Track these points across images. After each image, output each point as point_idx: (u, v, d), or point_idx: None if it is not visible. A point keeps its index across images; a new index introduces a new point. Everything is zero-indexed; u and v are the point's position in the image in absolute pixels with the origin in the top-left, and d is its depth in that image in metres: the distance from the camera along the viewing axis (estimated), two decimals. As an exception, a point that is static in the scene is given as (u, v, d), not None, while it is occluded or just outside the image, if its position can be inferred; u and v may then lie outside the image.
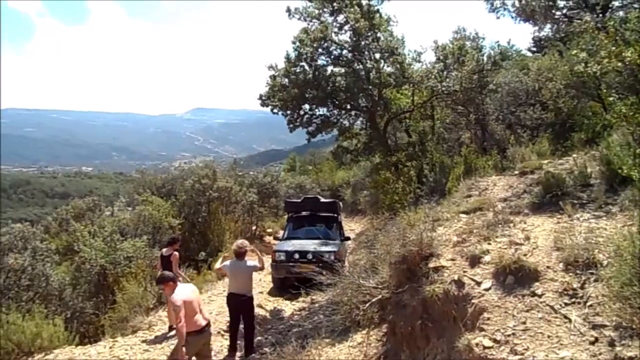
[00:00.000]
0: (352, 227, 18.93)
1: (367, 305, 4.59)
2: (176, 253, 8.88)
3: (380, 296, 4.55)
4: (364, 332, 5.89)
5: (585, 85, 11.88)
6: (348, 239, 13.31)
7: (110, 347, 7.99)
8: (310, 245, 11.62)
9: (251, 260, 7.46)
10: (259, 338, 8.38)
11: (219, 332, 8.56)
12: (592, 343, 2.84)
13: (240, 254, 7.29)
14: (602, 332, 2.88)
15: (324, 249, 11.28)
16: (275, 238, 13.81)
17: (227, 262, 7.42)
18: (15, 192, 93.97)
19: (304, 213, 13.33)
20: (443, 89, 13.11)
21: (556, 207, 5.35)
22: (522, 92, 14.02)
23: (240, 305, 7.36)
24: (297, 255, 11.23)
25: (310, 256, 11.02)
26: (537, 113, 13.11)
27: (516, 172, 8.20)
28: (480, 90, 13.32)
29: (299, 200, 13.71)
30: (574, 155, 8.21)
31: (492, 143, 13.57)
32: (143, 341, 8.12)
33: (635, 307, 2.70)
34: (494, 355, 3.06)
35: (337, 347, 6.55)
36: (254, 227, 19.90)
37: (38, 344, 7.70)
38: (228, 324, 7.89)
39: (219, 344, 8.10)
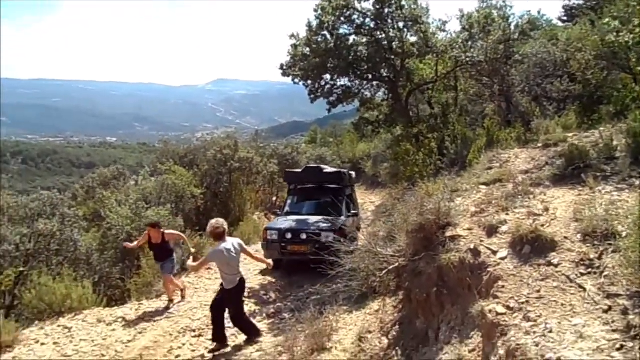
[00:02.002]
0: (372, 199, 18.97)
1: (384, 272, 4.67)
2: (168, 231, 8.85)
3: (397, 264, 4.62)
4: (381, 299, 6.00)
5: (616, 56, 11.51)
6: (356, 214, 11.79)
7: (136, 310, 8.32)
8: (306, 223, 10.37)
9: (230, 238, 6.78)
10: (279, 304, 8.62)
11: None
12: (606, 311, 2.86)
13: (222, 233, 6.51)
14: (616, 301, 2.89)
15: (321, 227, 10.01)
16: (273, 213, 12.35)
17: (216, 249, 6.46)
18: (43, 162, 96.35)
19: (306, 185, 12.03)
20: (467, 59, 12.83)
21: (578, 180, 5.29)
22: (549, 63, 13.64)
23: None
24: (289, 235, 10.01)
25: (303, 236, 9.89)
26: (565, 85, 12.79)
27: (539, 144, 8.09)
28: (506, 61, 13.02)
29: (300, 171, 12.44)
30: (601, 129, 8.06)
31: (516, 115, 13.32)
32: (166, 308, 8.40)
33: None
34: (507, 322, 3.10)
35: (355, 314, 6.71)
36: (274, 198, 20.11)
37: (68, 304, 8.05)
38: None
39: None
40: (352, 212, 11.39)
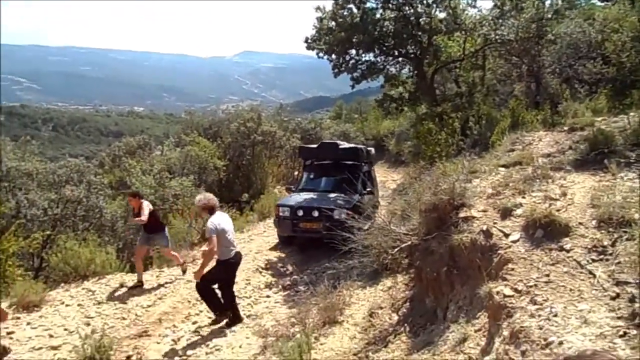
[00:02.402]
0: (394, 177, 18.88)
1: (396, 250, 4.71)
2: (144, 203, 8.10)
3: (409, 242, 4.65)
4: (393, 277, 6.07)
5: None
6: (372, 192, 11.23)
7: (157, 276, 8.58)
8: (319, 200, 10.15)
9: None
10: (295, 277, 8.78)
11: (257, 269, 9.01)
12: (613, 298, 2.85)
13: (215, 206, 6.40)
14: (624, 289, 2.87)
15: (334, 205, 9.75)
16: (287, 189, 12.01)
17: (214, 222, 6.17)
18: (72, 129, 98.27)
19: (322, 161, 11.65)
20: (497, 37, 12.53)
21: (600, 165, 5.18)
22: (584, 43, 13.21)
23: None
24: (300, 212, 9.83)
25: (315, 213, 9.69)
26: (598, 67, 12.39)
27: (565, 128, 7.91)
28: (537, 41, 12.65)
29: (315, 146, 12.01)
30: (632, 114, 7.83)
31: (545, 97, 13.01)
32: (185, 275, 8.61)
33: None
34: (513, 304, 3.12)
35: (367, 290, 6.80)
36: (296, 172, 20.23)
37: (92, 269, 8.33)
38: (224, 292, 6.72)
39: (257, 280, 8.54)
40: (368, 189, 10.91)
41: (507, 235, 3.86)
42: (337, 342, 5.21)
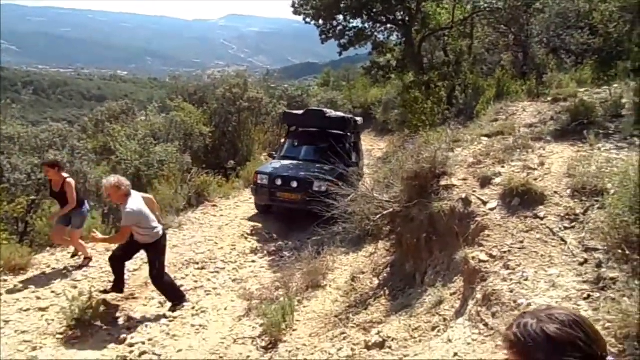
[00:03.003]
0: (380, 146, 18.96)
1: (379, 217, 4.82)
2: (71, 182, 6.94)
3: (391, 209, 4.75)
4: (375, 243, 6.21)
5: (643, 9, 11.09)
6: (356, 164, 10.49)
7: (142, 241, 8.63)
8: (299, 169, 9.78)
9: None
10: (280, 243, 8.91)
11: (243, 235, 9.12)
12: (581, 264, 2.99)
13: (128, 194, 5.69)
14: (592, 255, 3.01)
15: (315, 175, 9.24)
16: (270, 155, 11.65)
17: (134, 208, 5.60)
18: (54, 93, 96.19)
19: (306, 128, 11.31)
20: (486, 5, 12.44)
21: (580, 136, 5.30)
22: (572, 13, 13.17)
23: None
24: (279, 181, 9.45)
25: (294, 184, 9.34)
26: (585, 37, 12.40)
27: (549, 98, 8.01)
28: (526, 9, 12.60)
29: (300, 113, 11.54)
30: (615, 85, 7.93)
31: (532, 67, 13.05)
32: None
33: (624, 234, 2.80)
34: (488, 269, 3.25)
35: (350, 256, 6.95)
36: (282, 140, 20.16)
37: (77, 233, 8.34)
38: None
39: (243, 246, 8.65)
40: (354, 161, 10.19)
41: (485, 203, 3.98)
42: (319, 305, 5.37)
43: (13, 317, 5.63)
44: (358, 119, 12.47)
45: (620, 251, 2.76)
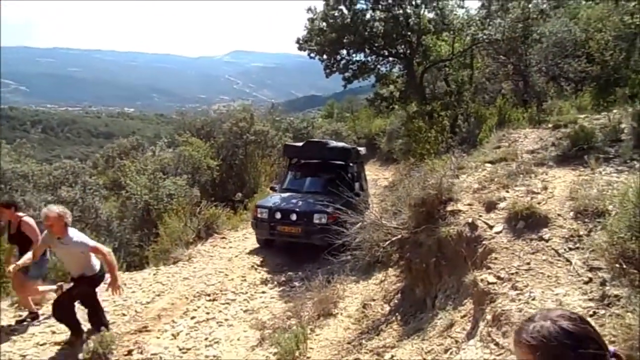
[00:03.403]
0: (385, 175, 19.12)
1: (388, 243, 4.94)
2: (29, 220, 6.39)
3: (400, 236, 4.88)
4: (385, 271, 6.31)
5: (637, 38, 11.40)
6: (358, 195, 9.22)
7: (154, 274, 8.73)
8: (299, 202, 9.62)
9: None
10: (290, 273, 8.97)
11: (252, 266, 9.20)
12: (586, 283, 3.10)
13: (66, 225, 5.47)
14: (597, 274, 3.12)
15: (315, 208, 9.21)
16: (272, 189, 11.39)
17: (81, 235, 5.69)
18: (62, 131, 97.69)
19: (308, 160, 11.11)
20: (484, 37, 12.82)
21: (581, 161, 5.46)
22: (569, 42, 13.52)
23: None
24: (278, 215, 9.29)
25: (294, 217, 9.18)
26: (582, 65, 12.70)
27: (550, 125, 8.19)
28: (524, 40, 12.96)
29: (300, 144, 11.31)
30: (615, 111, 8.12)
31: (532, 95, 13.31)
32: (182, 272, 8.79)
33: (621, 249, 2.92)
34: (496, 290, 3.35)
35: (361, 284, 7.03)
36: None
37: (90, 267, 8.46)
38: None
39: (253, 277, 8.72)
40: (356, 192, 9.46)
41: (491, 227, 4.11)
42: (331, 333, 5.44)
43: (30, 351, 5.72)
44: (360, 148, 12.29)
45: (617, 266, 2.87)
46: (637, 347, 2.30)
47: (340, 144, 11.58)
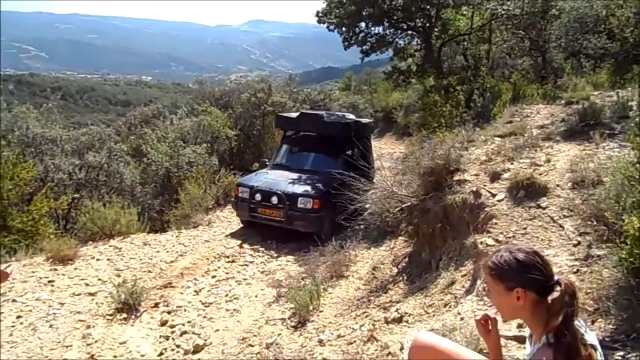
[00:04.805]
0: (401, 149, 19.32)
1: (397, 210, 5.29)
2: None
3: (409, 203, 5.21)
4: (394, 238, 6.68)
5: (658, 14, 11.31)
6: (362, 174, 7.32)
7: (176, 237, 9.22)
8: (285, 182, 8.70)
9: None
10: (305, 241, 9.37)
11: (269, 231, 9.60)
12: (575, 245, 3.41)
13: None
14: (585, 238, 3.43)
15: (301, 190, 8.42)
16: (262, 164, 10.58)
17: None
18: (81, 98, 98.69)
19: (303, 134, 10.09)
20: (503, 11, 12.80)
21: (587, 136, 5.68)
22: (590, 18, 13.42)
23: None
24: (258, 196, 8.52)
25: (275, 199, 8.36)
26: (602, 42, 12.65)
27: (563, 101, 8.36)
28: (543, 15, 12.91)
29: (294, 116, 10.25)
30: (629, 88, 8.25)
31: (549, 71, 13.33)
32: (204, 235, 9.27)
33: (595, 209, 3.26)
34: (493, 251, 3.69)
35: (372, 250, 7.41)
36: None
37: (117, 229, 8.98)
38: None
39: (269, 242, 9.10)
40: (357, 171, 7.34)
41: (493, 195, 4.42)
42: (343, 292, 5.86)
43: (67, 300, 6.25)
44: (365, 121, 11.32)
45: (603, 229, 3.18)
46: (606, 295, 2.63)
47: (341, 117, 10.58)
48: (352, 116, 11.21)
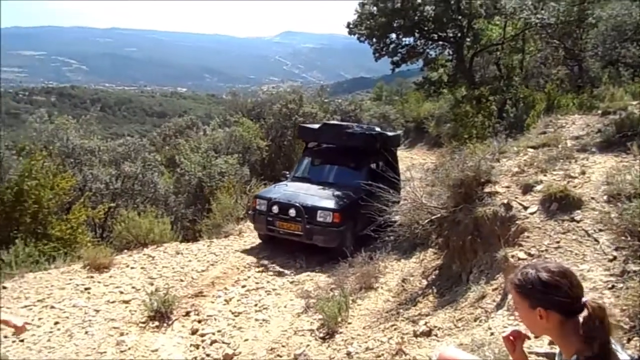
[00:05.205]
0: (432, 160, 19.16)
1: (427, 221, 5.24)
2: None
3: (439, 215, 5.17)
4: (424, 250, 6.62)
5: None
6: (386, 188, 6.96)
7: (208, 246, 9.36)
8: (305, 195, 8.33)
9: None
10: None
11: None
12: (610, 260, 3.32)
13: None
14: (621, 253, 3.33)
15: (321, 203, 8.03)
16: (282, 175, 10.05)
17: None
18: (119, 109, 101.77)
19: (325, 145, 9.75)
20: (537, 21, 12.59)
21: (625, 147, 5.52)
22: (629, 26, 13.06)
23: None
24: (275, 208, 8.18)
25: (293, 212, 8.00)
26: (640, 50, 12.32)
27: (599, 111, 8.14)
28: (579, 24, 12.64)
29: (316, 127, 9.99)
30: (670, 98, 7.99)
31: (586, 81, 13.02)
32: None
33: (629, 223, 3.16)
34: (525, 265, 3.62)
35: (402, 262, 7.35)
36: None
37: (151, 237, 9.18)
38: None
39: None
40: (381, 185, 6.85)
41: (525, 208, 4.35)
42: (372, 304, 5.83)
43: (102, 307, 6.42)
44: (391, 133, 10.86)
45: (623, 238, 3.09)
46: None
47: (365, 128, 10.21)
48: (377, 128, 10.91)
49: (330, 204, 8.05)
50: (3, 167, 8.79)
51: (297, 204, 7.99)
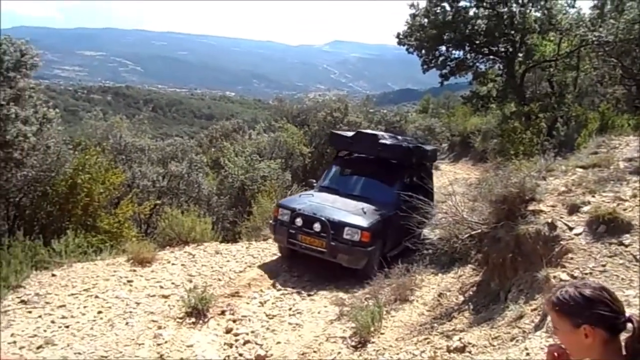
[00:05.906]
0: (476, 175, 18.81)
1: (467, 236, 5.16)
2: None
3: (479, 230, 5.08)
4: (463, 265, 6.51)
5: None
6: (417, 206, 6.72)
7: (247, 248, 9.52)
8: (332, 208, 7.63)
9: None
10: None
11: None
12: (659, 287, 3.18)
13: None
14: (672, 280, 3.19)
15: (348, 219, 7.34)
16: (308, 184, 9.53)
17: None
18: (170, 110, 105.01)
19: (358, 155, 9.12)
20: (594, 38, 12.20)
21: (684, 172, 5.28)
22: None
23: None
24: (299, 221, 7.52)
25: (317, 227, 7.33)
26: None
27: (657, 134, 7.81)
28: (639, 43, 12.15)
29: (349, 135, 9.23)
30: None
31: (645, 101, 12.50)
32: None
33: None
34: (567, 287, 3.52)
35: (439, 276, 7.25)
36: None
37: (192, 236, 9.43)
38: None
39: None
40: (412, 202, 6.61)
41: (570, 229, 4.22)
42: (406, 316, 5.77)
43: (142, 300, 6.64)
44: (429, 147, 10.19)
45: None
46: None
47: (401, 140, 9.60)
48: (414, 140, 10.49)
49: (359, 220, 7.36)
50: (60, 160, 9.25)
51: (323, 218, 7.35)
